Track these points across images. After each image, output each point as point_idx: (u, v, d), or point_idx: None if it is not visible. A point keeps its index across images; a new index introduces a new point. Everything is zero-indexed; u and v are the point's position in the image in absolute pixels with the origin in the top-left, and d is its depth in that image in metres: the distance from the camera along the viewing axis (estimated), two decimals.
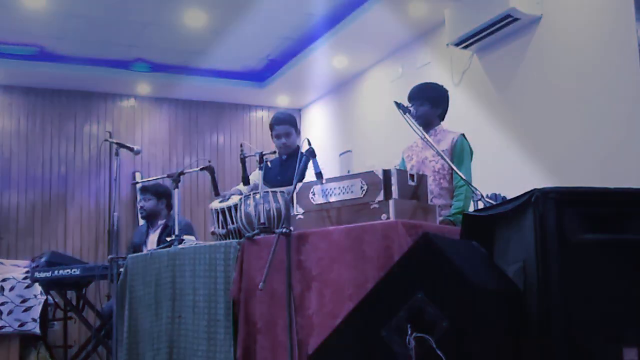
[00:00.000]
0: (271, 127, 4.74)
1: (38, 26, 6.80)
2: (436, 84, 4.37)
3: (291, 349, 2.99)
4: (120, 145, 4.77)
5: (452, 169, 3.76)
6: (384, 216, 2.98)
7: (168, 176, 4.60)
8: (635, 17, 4.46)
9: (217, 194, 4.21)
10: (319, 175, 3.40)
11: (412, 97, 4.26)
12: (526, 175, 5.30)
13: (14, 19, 6.62)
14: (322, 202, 3.22)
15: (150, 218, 5.90)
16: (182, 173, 4.51)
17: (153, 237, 5.80)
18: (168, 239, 4.40)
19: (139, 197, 5.95)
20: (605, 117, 4.74)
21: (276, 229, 3.12)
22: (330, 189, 3.20)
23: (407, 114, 3.75)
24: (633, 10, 4.48)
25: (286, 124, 4.68)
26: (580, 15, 5.01)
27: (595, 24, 4.88)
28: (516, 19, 5.40)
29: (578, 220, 2.24)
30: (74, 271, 5.42)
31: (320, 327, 2.91)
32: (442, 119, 4.30)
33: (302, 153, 3.40)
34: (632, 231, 2.24)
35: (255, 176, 4.42)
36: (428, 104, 4.23)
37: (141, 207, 5.89)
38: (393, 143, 6.65)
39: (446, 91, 4.35)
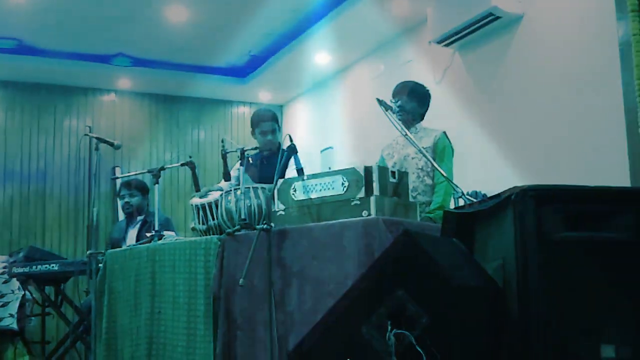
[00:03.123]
0: (256, 123, 4.69)
1: (17, 19, 6.72)
2: (422, 84, 4.43)
3: (271, 345, 2.98)
4: (100, 140, 4.73)
5: (433, 166, 3.78)
6: (364, 213, 2.98)
7: (148, 171, 4.57)
8: (616, 16, 4.49)
9: (197, 190, 4.20)
10: (300, 171, 3.40)
11: (398, 92, 4.30)
12: (507, 173, 5.32)
13: None
14: (303, 198, 3.22)
15: (135, 214, 5.86)
16: (162, 168, 4.50)
17: (132, 233, 5.77)
18: (148, 234, 4.37)
19: (122, 193, 5.90)
20: (586, 115, 4.77)
21: (257, 225, 3.12)
22: (312, 186, 3.20)
23: (388, 111, 3.77)
24: (614, 9, 4.51)
25: (272, 120, 4.68)
26: (562, 14, 5.04)
27: (576, 22, 4.91)
28: (498, 18, 5.43)
29: (557, 219, 2.25)
30: (53, 266, 5.39)
31: (301, 323, 2.91)
32: (423, 119, 4.36)
33: (283, 149, 3.40)
34: (611, 229, 2.25)
35: (236, 171, 4.41)
36: (416, 101, 4.30)
37: (126, 203, 5.83)
38: (374, 140, 6.66)
39: (429, 93, 4.42)
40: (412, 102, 4.29)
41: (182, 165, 4.52)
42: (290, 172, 3.95)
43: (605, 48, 4.60)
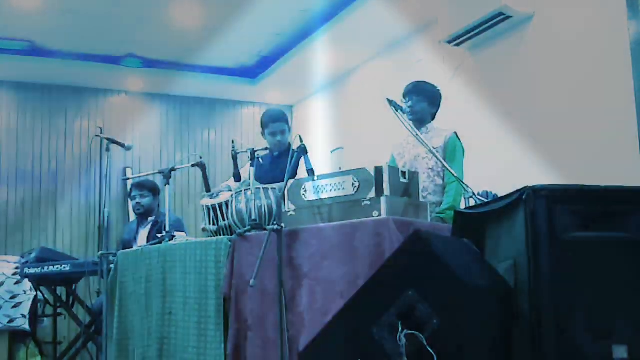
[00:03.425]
0: (265, 124, 4.68)
1: (29, 21, 6.75)
2: (432, 84, 4.42)
3: (282, 346, 2.98)
4: (111, 141, 4.74)
5: (444, 166, 3.77)
6: (375, 213, 2.98)
7: (159, 172, 4.58)
8: (627, 14, 4.47)
9: (208, 191, 4.20)
10: (310, 172, 3.39)
11: (409, 93, 4.30)
12: (519, 172, 5.29)
13: (5, 14, 6.57)
14: (314, 198, 3.22)
15: (146, 215, 5.88)
16: (173, 169, 4.51)
17: (143, 234, 5.78)
18: (159, 235, 4.38)
19: (133, 193, 5.91)
20: (597, 114, 4.74)
21: (267, 226, 3.12)
22: (322, 186, 3.20)
23: (399, 111, 3.76)
24: (625, 8, 4.49)
25: (282, 121, 4.66)
26: (573, 13, 5.02)
27: (587, 21, 4.89)
28: (508, 17, 5.41)
29: (569, 218, 2.24)
30: (64, 267, 5.40)
31: (311, 324, 2.91)
32: (434, 119, 4.36)
33: (293, 150, 3.39)
34: (623, 229, 2.24)
35: (246, 171, 4.41)
36: (427, 101, 4.31)
37: (137, 204, 5.85)
38: (385, 140, 6.65)
39: (440, 92, 4.40)
40: (422, 102, 4.29)
41: (192, 165, 4.53)
42: (301, 172, 3.95)
43: (616, 47, 4.58)
